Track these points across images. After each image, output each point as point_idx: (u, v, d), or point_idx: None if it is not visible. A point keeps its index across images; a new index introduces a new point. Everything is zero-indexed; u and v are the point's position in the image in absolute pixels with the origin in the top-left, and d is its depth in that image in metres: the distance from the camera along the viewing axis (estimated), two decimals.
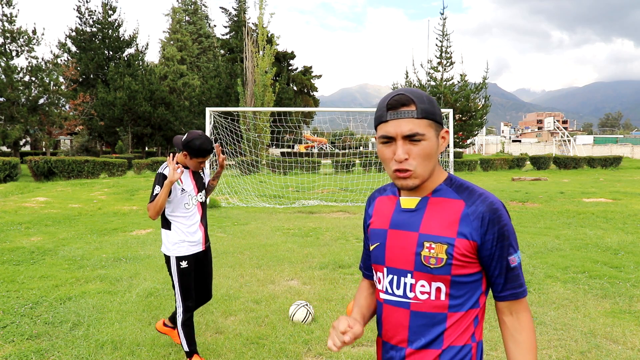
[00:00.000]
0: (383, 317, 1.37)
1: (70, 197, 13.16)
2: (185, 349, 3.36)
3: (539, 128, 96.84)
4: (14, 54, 27.08)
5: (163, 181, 3.17)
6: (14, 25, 26.95)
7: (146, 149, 40.07)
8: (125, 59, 38.31)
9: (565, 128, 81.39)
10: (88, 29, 37.44)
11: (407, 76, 33.63)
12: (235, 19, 51.82)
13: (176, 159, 3.29)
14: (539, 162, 28.59)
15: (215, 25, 71.08)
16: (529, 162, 30.14)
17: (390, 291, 1.33)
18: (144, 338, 3.84)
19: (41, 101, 28.20)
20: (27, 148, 40.84)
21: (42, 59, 28.25)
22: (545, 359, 3.51)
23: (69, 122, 31.46)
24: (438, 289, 1.27)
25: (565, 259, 6.33)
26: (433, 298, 1.27)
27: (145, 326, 4.10)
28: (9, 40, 26.89)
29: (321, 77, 55.87)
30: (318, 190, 15.88)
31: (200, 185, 3.43)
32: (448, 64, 32.40)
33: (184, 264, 3.29)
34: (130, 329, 4.01)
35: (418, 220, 1.30)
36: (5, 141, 26.28)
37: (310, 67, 53.88)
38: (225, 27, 53.51)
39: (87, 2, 37.15)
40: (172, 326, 3.68)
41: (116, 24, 38.20)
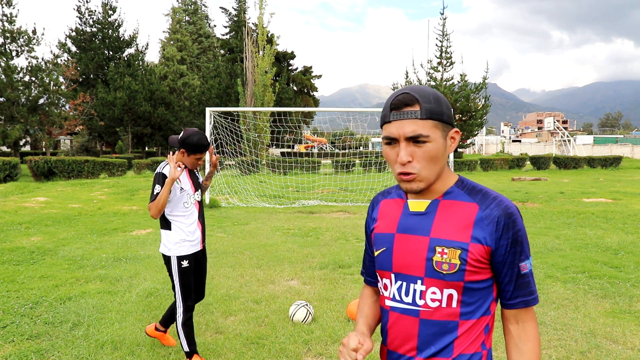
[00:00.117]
0: (389, 325, 1.31)
1: (70, 197, 13.16)
2: (186, 349, 3.35)
3: (539, 128, 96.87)
4: (14, 54, 27.10)
5: (163, 180, 3.16)
6: (14, 25, 26.96)
7: (146, 149, 40.10)
8: (125, 59, 38.34)
9: (565, 128, 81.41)
10: (88, 29, 37.48)
11: (407, 76, 33.62)
12: (235, 19, 51.83)
13: (175, 157, 3.29)
14: (539, 162, 28.59)
15: (215, 25, 71.10)
16: (529, 162, 30.14)
17: (398, 298, 1.27)
18: (144, 338, 3.83)
19: (41, 101, 28.21)
20: (27, 148, 40.85)
21: (42, 59, 28.29)
22: (545, 359, 3.51)
23: (69, 122, 31.48)
24: (450, 296, 1.21)
25: (565, 259, 6.34)
26: (444, 305, 1.22)
27: (145, 326, 4.10)
28: (9, 40, 26.89)
29: (321, 77, 55.95)
30: (318, 190, 15.88)
31: (197, 184, 3.46)
32: (448, 64, 32.40)
33: (185, 264, 3.29)
34: (130, 329, 4.01)
35: (429, 224, 1.24)
36: (5, 141, 26.29)
37: (310, 67, 53.93)
38: (225, 27, 53.54)
39: (87, 2, 37.21)
40: (163, 330, 3.66)
41: (116, 24, 38.24)
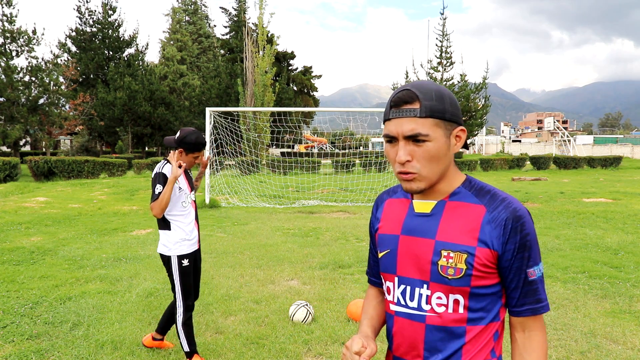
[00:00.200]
0: (394, 330, 1.26)
1: (70, 197, 13.16)
2: (186, 349, 3.35)
3: (539, 128, 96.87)
4: (14, 54, 27.11)
5: (163, 180, 3.16)
6: (14, 25, 26.98)
7: (146, 149, 40.10)
8: (125, 59, 38.36)
9: (565, 128, 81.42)
10: (88, 29, 37.49)
11: (407, 76, 33.61)
12: (235, 19, 51.83)
13: (175, 156, 3.29)
14: (539, 162, 28.59)
15: (215, 25, 71.11)
16: (529, 162, 30.14)
17: (402, 303, 1.23)
18: (143, 337, 3.83)
19: (41, 101, 28.23)
20: (27, 148, 40.87)
21: (42, 59, 28.31)
22: None
23: (69, 122, 31.49)
24: (456, 301, 1.16)
25: (565, 259, 6.34)
26: (451, 311, 1.17)
27: (145, 326, 4.10)
28: (9, 40, 26.90)
29: (321, 77, 55.96)
30: (318, 190, 15.88)
31: (191, 184, 3.48)
32: (448, 64, 32.38)
33: (186, 263, 3.31)
34: (130, 329, 4.01)
35: (434, 226, 1.19)
36: (5, 141, 26.30)
37: (310, 67, 53.94)
38: (225, 27, 53.53)
39: (87, 2, 37.23)
40: (160, 338, 3.64)
41: (116, 24, 38.25)
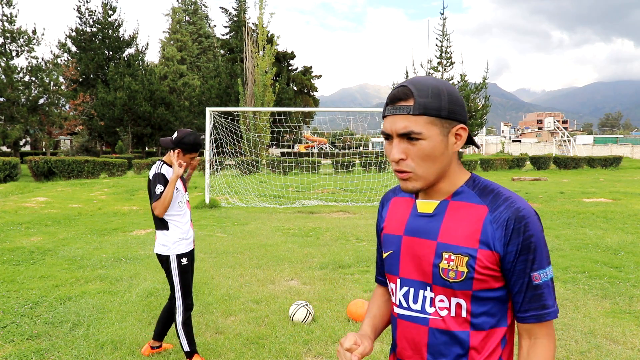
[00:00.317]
0: (398, 333, 1.23)
1: (70, 197, 13.16)
2: (186, 348, 3.35)
3: (539, 128, 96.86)
4: (14, 54, 27.12)
5: (163, 180, 3.19)
6: (14, 25, 26.99)
7: (146, 149, 40.09)
8: (125, 59, 38.36)
9: (565, 128, 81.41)
10: (88, 29, 37.50)
11: (407, 76, 33.62)
12: (235, 19, 51.81)
13: (174, 157, 3.29)
14: (539, 162, 28.59)
15: (215, 25, 71.13)
16: (529, 162, 30.14)
17: (405, 305, 1.19)
18: (144, 338, 3.83)
19: (41, 101, 28.23)
20: (27, 148, 40.85)
21: (42, 59, 28.32)
22: None
23: (69, 122, 31.50)
24: (458, 305, 1.12)
25: (565, 259, 6.34)
26: (454, 314, 1.13)
27: (145, 326, 4.10)
28: (9, 40, 26.91)
29: (321, 77, 55.93)
30: (318, 190, 15.88)
31: (185, 185, 3.51)
32: (448, 64, 32.39)
33: (185, 261, 3.33)
34: (130, 329, 4.01)
35: (436, 227, 1.15)
36: (5, 141, 26.31)
37: (310, 67, 53.92)
38: (225, 27, 53.51)
39: (87, 2, 37.23)
40: (159, 344, 3.62)
41: (116, 24, 38.25)
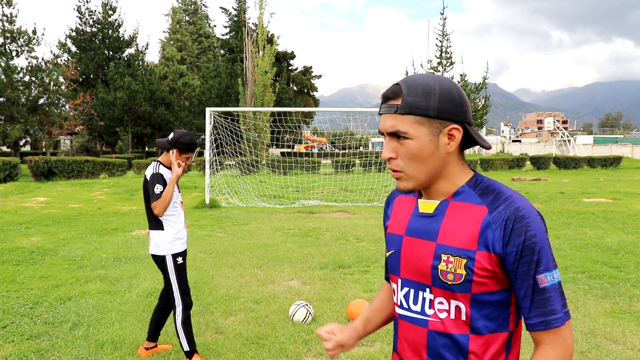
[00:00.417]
0: (398, 333, 1.22)
1: (70, 197, 13.16)
2: (186, 348, 3.35)
3: (539, 128, 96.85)
4: (14, 54, 27.13)
5: (162, 180, 3.23)
6: (14, 25, 27.00)
7: (146, 149, 40.08)
8: (125, 59, 38.37)
9: (565, 128, 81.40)
10: (88, 29, 37.51)
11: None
12: (235, 19, 51.81)
13: (174, 157, 3.33)
14: (539, 162, 28.59)
15: (215, 25, 71.13)
16: (529, 162, 30.13)
17: (405, 306, 1.18)
18: (144, 338, 3.83)
19: (41, 101, 28.24)
20: (27, 148, 40.84)
21: (42, 59, 28.34)
22: None
23: (69, 122, 31.51)
24: (457, 308, 1.10)
25: (565, 259, 6.34)
26: (453, 317, 1.10)
27: (145, 326, 4.09)
28: (9, 40, 26.92)
29: (321, 77, 55.93)
30: (318, 190, 15.88)
31: (178, 186, 3.54)
32: (448, 64, 32.39)
33: (180, 260, 3.36)
34: (130, 329, 4.01)
35: (436, 228, 1.13)
36: (5, 141, 26.31)
37: (310, 67, 53.91)
38: (225, 27, 53.52)
39: (87, 2, 37.25)
40: (154, 345, 3.62)
41: (116, 24, 38.27)
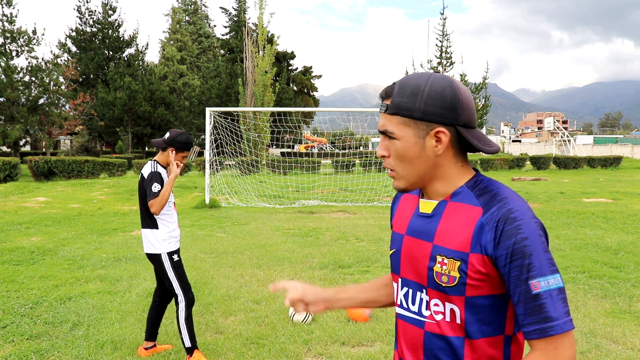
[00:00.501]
0: (398, 332, 1.22)
1: (70, 197, 13.16)
2: (187, 344, 3.37)
3: (539, 128, 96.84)
4: (14, 54, 27.12)
5: (160, 179, 3.28)
6: (14, 25, 26.99)
7: (146, 149, 40.09)
8: (125, 59, 38.38)
9: (565, 128, 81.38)
10: (88, 29, 37.51)
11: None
12: (235, 19, 51.82)
13: (173, 157, 3.38)
14: (539, 162, 28.58)
15: (215, 25, 71.12)
16: (529, 162, 30.13)
17: (405, 306, 1.18)
18: (144, 338, 3.83)
19: (41, 101, 28.23)
20: (27, 148, 40.85)
21: (42, 59, 28.33)
22: None
23: (69, 122, 31.51)
24: (452, 311, 1.08)
25: (565, 259, 6.34)
26: (448, 319, 1.09)
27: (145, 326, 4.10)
28: (9, 40, 26.91)
29: (321, 77, 55.92)
30: (318, 190, 15.88)
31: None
32: (448, 64, 32.39)
33: (176, 257, 3.39)
34: (130, 329, 4.01)
35: (433, 229, 1.11)
36: (5, 141, 26.30)
37: (310, 67, 53.90)
38: (225, 27, 53.53)
39: (87, 2, 37.25)
40: (152, 344, 3.61)
41: (116, 24, 38.27)
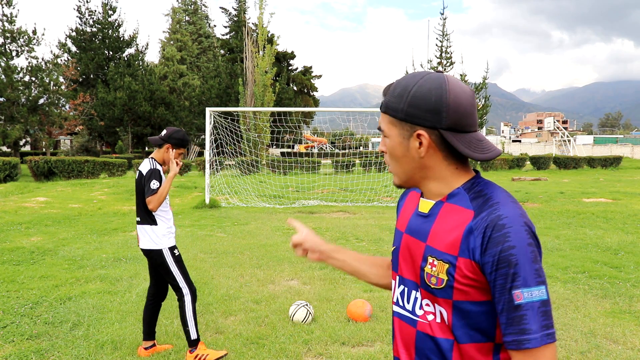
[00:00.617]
0: (394, 330, 1.22)
1: (70, 197, 13.16)
2: (194, 336, 3.42)
3: (539, 128, 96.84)
4: (14, 54, 27.10)
5: (159, 176, 3.34)
6: (14, 25, 26.97)
7: (146, 148, 40.09)
8: (125, 59, 38.37)
9: (565, 128, 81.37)
10: (88, 29, 37.50)
11: None
12: (235, 19, 51.81)
13: (173, 154, 3.46)
14: (539, 162, 28.58)
15: (215, 25, 71.08)
16: (529, 162, 30.13)
17: (401, 304, 1.17)
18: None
19: (41, 101, 28.21)
20: (27, 148, 40.85)
21: (42, 59, 28.29)
22: None
23: (69, 122, 31.50)
24: (441, 313, 1.07)
25: (565, 259, 6.34)
26: (439, 320, 1.08)
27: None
28: (9, 40, 26.89)
29: (321, 77, 55.91)
30: (318, 190, 15.88)
31: None
32: (448, 64, 32.38)
33: (177, 252, 3.46)
34: (130, 329, 4.01)
35: (427, 229, 1.11)
36: (5, 141, 26.29)
37: (310, 67, 53.90)
38: (225, 27, 53.52)
39: (87, 2, 37.24)
40: (152, 343, 3.60)
41: (116, 24, 38.26)
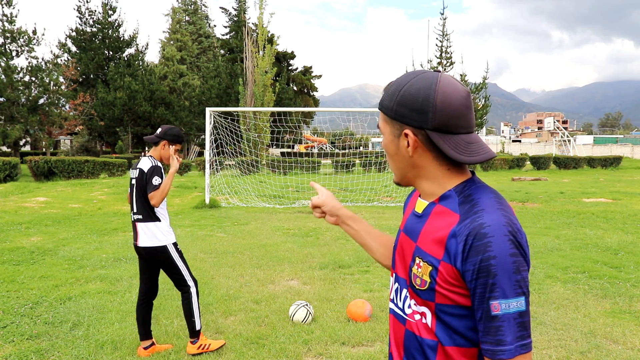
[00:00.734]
0: (389, 327, 1.21)
1: (70, 197, 13.16)
2: (198, 327, 3.49)
3: (539, 128, 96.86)
4: (14, 54, 27.09)
5: (161, 173, 3.40)
6: (14, 25, 26.96)
7: (146, 148, 40.08)
8: (125, 59, 38.36)
9: (565, 128, 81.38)
10: (88, 29, 37.49)
11: None
12: (235, 19, 51.80)
13: (172, 150, 3.54)
14: (539, 162, 28.59)
15: (215, 25, 71.09)
16: (529, 162, 30.14)
17: (395, 301, 1.18)
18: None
19: (41, 101, 28.20)
20: (27, 148, 40.84)
21: (42, 59, 28.27)
22: (545, 359, 3.51)
23: (69, 122, 31.50)
24: (424, 314, 1.07)
25: (565, 259, 6.34)
26: (424, 321, 1.07)
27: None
28: (9, 40, 26.89)
29: (321, 77, 55.88)
30: None
31: None
32: (448, 64, 32.38)
33: (179, 247, 3.56)
34: (130, 329, 4.00)
35: (419, 229, 1.11)
36: (5, 141, 26.28)
37: (310, 67, 53.88)
38: (225, 27, 53.50)
39: (87, 2, 37.22)
40: (150, 342, 3.59)
41: (116, 24, 38.24)
